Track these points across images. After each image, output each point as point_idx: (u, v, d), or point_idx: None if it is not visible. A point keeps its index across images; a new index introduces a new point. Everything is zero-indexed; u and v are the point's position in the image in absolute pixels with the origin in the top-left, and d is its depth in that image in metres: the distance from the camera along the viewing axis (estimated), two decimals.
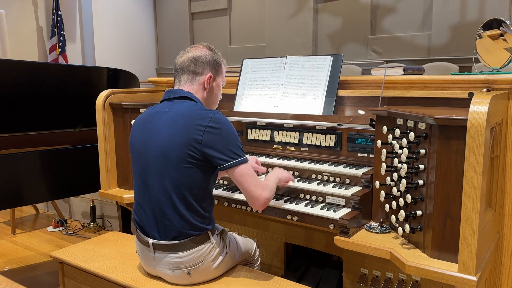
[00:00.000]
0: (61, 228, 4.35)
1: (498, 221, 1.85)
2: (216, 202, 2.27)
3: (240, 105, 2.51)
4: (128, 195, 2.53)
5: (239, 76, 2.56)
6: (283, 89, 2.38)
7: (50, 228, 4.37)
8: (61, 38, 6.08)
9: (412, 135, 1.68)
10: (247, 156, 1.85)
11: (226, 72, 2.86)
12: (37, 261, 3.64)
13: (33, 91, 3.10)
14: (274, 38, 5.94)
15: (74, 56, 5.94)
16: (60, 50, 6.06)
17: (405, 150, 1.69)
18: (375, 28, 5.28)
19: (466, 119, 1.44)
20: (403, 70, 2.27)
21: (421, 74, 2.40)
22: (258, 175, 2.17)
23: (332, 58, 2.26)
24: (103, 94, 2.56)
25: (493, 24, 2.08)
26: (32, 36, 5.62)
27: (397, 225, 1.82)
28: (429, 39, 4.80)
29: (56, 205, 4.54)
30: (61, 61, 6.07)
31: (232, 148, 1.76)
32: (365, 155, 2.16)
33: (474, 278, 1.47)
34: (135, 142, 1.90)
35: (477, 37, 2.23)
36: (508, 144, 1.79)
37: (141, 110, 2.49)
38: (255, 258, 2.18)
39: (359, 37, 5.33)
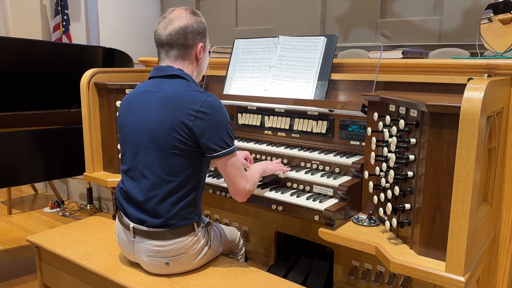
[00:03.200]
0: (57, 209, 4.32)
1: (495, 217, 1.73)
2: None
3: (230, 88, 2.39)
4: (113, 179, 2.45)
5: (230, 57, 2.44)
6: (274, 71, 2.25)
7: (47, 209, 4.35)
8: (65, 17, 5.99)
9: (402, 122, 1.56)
10: (236, 146, 1.75)
11: (218, 53, 2.76)
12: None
13: (26, 69, 3.02)
14: (281, 20, 5.77)
15: (78, 36, 5.86)
16: (64, 29, 5.99)
17: (394, 138, 1.57)
18: (385, 12, 5.07)
19: (459, 106, 1.31)
20: (402, 53, 2.13)
21: (423, 58, 2.26)
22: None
23: (326, 39, 2.13)
24: (87, 73, 2.46)
25: (499, 5, 1.92)
26: (36, 14, 5.54)
27: (385, 218, 1.71)
28: (440, 24, 4.60)
29: (54, 186, 4.51)
30: (64, 40, 5.99)
31: (223, 136, 1.65)
32: (358, 143, 2.04)
33: (462, 279, 1.36)
34: (124, 123, 1.79)
35: (486, 21, 2.08)
36: (509, 135, 1.66)
37: (127, 91, 2.39)
38: (239, 246, 2.09)
39: (368, 21, 5.13)
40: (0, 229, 3.90)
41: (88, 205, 4.31)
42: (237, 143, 2.32)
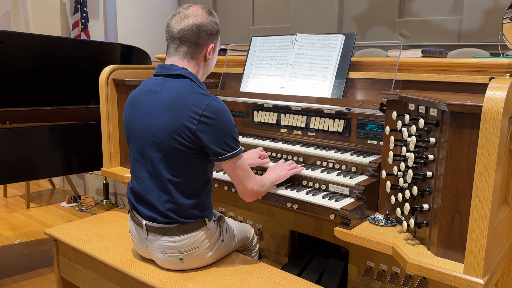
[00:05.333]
0: (74, 204, 4.38)
1: None
2: (216, 185, 2.19)
3: (247, 86, 2.39)
4: (130, 175, 2.47)
5: (247, 55, 2.44)
6: (291, 69, 2.25)
7: (64, 204, 4.42)
8: (84, 15, 6.07)
9: (422, 121, 1.53)
10: (242, 148, 1.74)
11: (235, 50, 2.76)
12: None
13: (45, 65, 3.07)
14: (297, 19, 5.75)
15: (97, 33, 5.93)
16: (82, 26, 6.07)
17: (414, 138, 1.55)
18: (403, 11, 5.02)
19: (481, 106, 1.29)
20: (422, 52, 2.10)
21: (442, 57, 2.22)
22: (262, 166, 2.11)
23: (344, 36, 2.11)
24: (106, 69, 2.49)
25: None
26: (55, 12, 5.62)
27: (402, 218, 1.69)
28: (460, 24, 4.53)
29: (71, 181, 4.57)
30: (83, 37, 6.07)
31: (227, 140, 1.64)
32: (375, 142, 2.02)
33: (481, 281, 1.34)
34: (129, 122, 1.79)
35: (508, 20, 2.04)
36: None
37: None
38: (253, 244, 2.10)
39: (386, 20, 5.08)
40: (18, 222, 3.97)
41: (104, 200, 4.35)
42: (252, 140, 2.32)
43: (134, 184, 1.80)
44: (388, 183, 1.70)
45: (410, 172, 1.57)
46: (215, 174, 2.19)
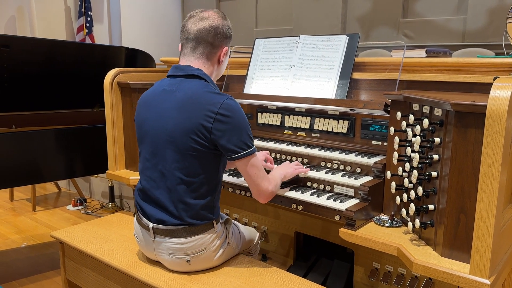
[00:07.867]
0: (80, 207, 4.40)
1: None
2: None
3: (251, 87, 2.40)
4: (135, 177, 2.48)
5: (251, 57, 2.45)
6: (294, 70, 2.25)
7: (70, 207, 4.44)
8: (88, 19, 6.11)
9: (426, 122, 1.53)
10: (256, 147, 1.75)
11: (238, 52, 2.77)
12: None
13: (50, 69, 3.09)
14: (301, 20, 5.76)
15: (101, 37, 5.97)
16: (87, 30, 6.11)
17: (418, 138, 1.54)
18: (407, 11, 5.02)
19: (486, 105, 1.29)
20: (426, 52, 2.10)
21: (446, 57, 2.22)
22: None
23: (348, 37, 2.11)
24: (111, 73, 2.50)
25: None
26: (60, 16, 5.66)
27: (408, 219, 1.69)
28: (464, 24, 4.52)
29: (77, 184, 4.59)
30: (88, 41, 6.11)
31: (242, 138, 1.65)
32: (380, 143, 2.02)
33: (487, 282, 1.33)
34: (141, 122, 1.79)
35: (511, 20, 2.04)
36: None
37: None
38: (257, 247, 2.10)
39: (390, 21, 5.08)
40: (24, 226, 3.99)
41: (110, 203, 4.37)
42: (256, 142, 2.32)
43: (143, 183, 1.79)
44: (393, 184, 1.69)
45: (415, 172, 1.57)
46: None
